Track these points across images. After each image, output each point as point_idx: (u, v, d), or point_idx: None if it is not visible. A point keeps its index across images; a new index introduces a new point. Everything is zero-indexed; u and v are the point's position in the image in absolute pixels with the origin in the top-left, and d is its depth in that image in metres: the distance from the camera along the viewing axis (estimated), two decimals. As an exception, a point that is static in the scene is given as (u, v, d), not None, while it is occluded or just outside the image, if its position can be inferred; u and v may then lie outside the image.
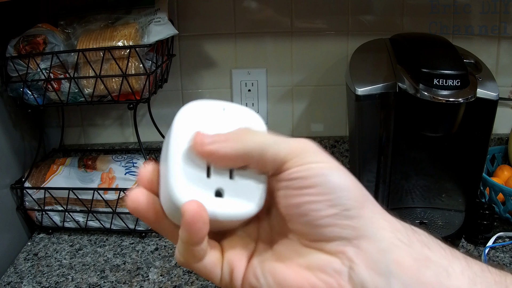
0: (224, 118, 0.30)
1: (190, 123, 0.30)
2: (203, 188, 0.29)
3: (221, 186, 0.29)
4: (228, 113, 0.31)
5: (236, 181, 0.29)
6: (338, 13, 0.96)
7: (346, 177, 0.28)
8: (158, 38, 0.78)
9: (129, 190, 0.30)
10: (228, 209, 0.29)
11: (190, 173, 0.29)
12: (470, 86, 0.66)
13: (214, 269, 0.31)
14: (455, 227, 0.79)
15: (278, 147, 0.28)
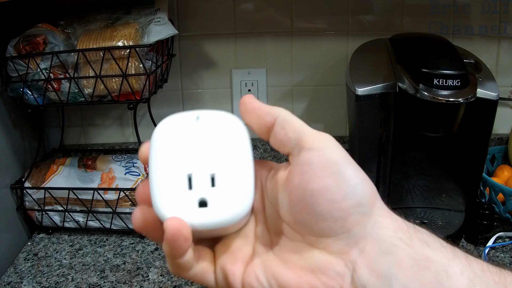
0: (200, 128, 0.31)
1: (167, 137, 0.30)
2: (186, 201, 0.29)
3: (204, 196, 0.29)
4: (203, 121, 0.31)
5: (219, 188, 0.29)
6: (338, 13, 0.96)
7: (361, 173, 0.29)
8: (158, 38, 0.78)
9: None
10: (214, 218, 0.29)
11: (172, 187, 0.29)
12: (470, 86, 0.66)
13: (205, 276, 0.31)
14: (455, 227, 0.79)
15: (304, 125, 0.31)
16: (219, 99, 1.01)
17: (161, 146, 0.30)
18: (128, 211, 0.82)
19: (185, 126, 0.30)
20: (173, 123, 0.31)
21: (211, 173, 0.29)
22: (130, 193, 0.82)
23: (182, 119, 0.31)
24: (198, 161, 0.29)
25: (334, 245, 0.28)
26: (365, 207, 0.28)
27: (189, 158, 0.30)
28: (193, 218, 0.28)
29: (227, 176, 0.29)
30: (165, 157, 0.30)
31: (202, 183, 0.29)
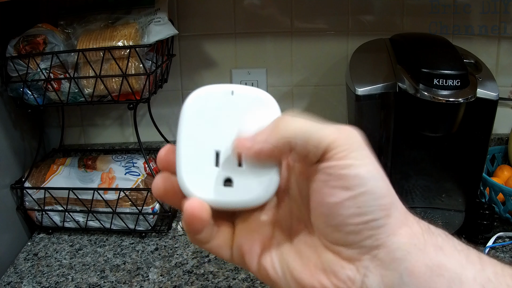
0: (233, 103, 0.30)
1: (198, 111, 0.29)
2: (211, 178, 0.29)
3: (230, 175, 0.29)
4: (238, 96, 0.30)
5: (246, 169, 0.29)
6: (338, 13, 0.96)
7: (383, 182, 0.28)
8: (158, 38, 0.78)
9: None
10: (237, 198, 0.29)
11: (198, 163, 0.29)
12: (470, 86, 0.66)
13: (221, 251, 0.31)
14: (455, 227, 0.79)
15: (321, 134, 0.28)
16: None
17: (192, 117, 0.29)
18: (128, 211, 0.82)
19: (218, 100, 0.30)
20: (206, 95, 0.30)
21: (239, 152, 0.29)
22: (130, 193, 0.82)
23: (216, 91, 0.30)
24: (227, 138, 0.29)
25: (346, 253, 0.28)
26: (380, 220, 0.27)
27: (219, 134, 0.29)
28: (216, 196, 0.28)
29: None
30: (195, 130, 0.29)
31: (229, 161, 0.29)
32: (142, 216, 0.82)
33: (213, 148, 0.29)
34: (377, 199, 0.27)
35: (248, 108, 0.29)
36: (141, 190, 0.82)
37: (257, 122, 0.29)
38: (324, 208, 0.28)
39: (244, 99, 0.30)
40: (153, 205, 0.83)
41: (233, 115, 0.29)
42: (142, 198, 0.82)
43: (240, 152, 0.29)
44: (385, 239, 0.27)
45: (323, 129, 0.28)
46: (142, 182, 0.83)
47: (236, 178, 0.29)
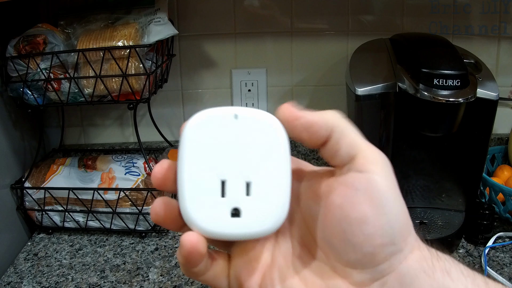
0: (237, 128, 0.28)
1: (201, 136, 0.27)
2: (217, 209, 0.27)
3: (238, 205, 0.27)
4: (242, 120, 0.28)
5: (254, 197, 0.27)
6: (338, 13, 0.96)
7: (404, 207, 0.28)
8: (158, 38, 0.78)
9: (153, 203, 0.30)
10: (246, 229, 0.27)
11: (203, 193, 0.27)
12: (470, 86, 0.66)
13: (218, 281, 0.30)
14: (455, 227, 0.79)
15: (358, 139, 0.28)
16: (219, 99, 1.01)
17: (194, 144, 0.27)
18: (128, 211, 0.82)
19: (221, 124, 0.28)
20: (208, 119, 0.28)
21: (247, 181, 0.27)
22: (130, 193, 0.82)
23: (218, 115, 0.28)
24: (234, 166, 0.27)
25: (357, 277, 0.27)
26: (398, 245, 0.27)
27: (224, 162, 0.27)
28: (223, 228, 0.27)
29: (263, 185, 0.27)
30: (198, 157, 0.27)
31: (237, 190, 0.27)
32: (142, 216, 0.82)
33: (218, 178, 0.27)
34: (399, 222, 0.27)
35: (253, 132, 0.28)
36: (141, 190, 0.82)
37: (263, 147, 0.28)
38: (344, 224, 0.27)
39: (248, 123, 0.28)
40: (153, 205, 0.83)
41: (237, 140, 0.27)
42: (142, 198, 0.82)
43: (285, 118, 0.28)
44: (397, 265, 0.27)
45: (360, 137, 0.28)
46: (142, 182, 0.83)
47: (244, 208, 0.27)
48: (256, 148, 0.27)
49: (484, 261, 0.75)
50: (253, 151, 0.27)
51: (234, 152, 0.27)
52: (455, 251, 0.78)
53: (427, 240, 0.29)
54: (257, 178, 0.27)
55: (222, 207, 0.27)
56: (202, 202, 0.27)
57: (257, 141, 0.27)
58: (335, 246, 0.28)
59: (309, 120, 0.28)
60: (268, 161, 0.27)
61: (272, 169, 0.27)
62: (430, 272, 0.27)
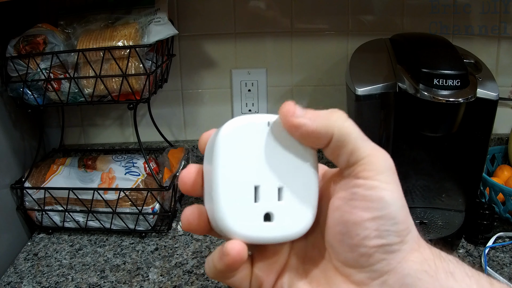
0: (270, 135, 0.29)
1: (234, 143, 0.28)
2: (251, 214, 0.28)
3: (270, 210, 0.28)
4: (274, 127, 0.29)
5: (285, 203, 0.28)
6: (338, 13, 0.96)
7: (403, 209, 0.28)
8: (158, 38, 0.78)
9: (183, 212, 0.30)
10: (278, 233, 0.28)
11: (238, 199, 0.28)
12: (470, 86, 0.66)
13: (243, 284, 0.31)
14: (455, 227, 0.79)
15: (361, 144, 0.28)
16: (219, 99, 1.01)
17: (228, 150, 0.28)
18: (128, 211, 0.82)
19: (254, 132, 0.29)
20: (242, 126, 0.29)
21: (279, 186, 0.28)
22: (130, 193, 0.82)
23: (252, 122, 0.29)
24: (266, 172, 0.28)
25: (356, 276, 0.28)
26: (395, 246, 0.27)
27: (257, 168, 0.28)
28: (257, 233, 0.28)
29: (294, 190, 0.28)
30: (232, 163, 0.28)
31: (269, 195, 0.28)
32: (142, 216, 0.82)
33: (252, 183, 0.28)
34: (395, 225, 0.27)
35: (284, 139, 0.29)
36: (141, 190, 0.82)
37: (293, 153, 0.29)
38: (342, 226, 0.28)
39: (280, 130, 0.29)
40: (153, 205, 0.83)
41: (270, 147, 0.28)
42: (142, 198, 0.82)
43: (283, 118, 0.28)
44: (396, 264, 0.27)
45: (365, 141, 0.28)
46: (142, 182, 0.83)
47: (276, 213, 0.28)
48: (287, 155, 0.29)
49: (484, 261, 0.75)
50: (284, 157, 0.29)
51: (266, 159, 0.28)
52: (455, 251, 0.78)
53: (430, 240, 0.29)
54: (288, 183, 0.28)
55: (255, 212, 0.28)
56: (237, 208, 0.28)
57: (288, 147, 0.29)
58: (334, 246, 0.29)
59: (308, 129, 0.28)
60: (298, 167, 0.29)
61: (302, 174, 0.29)
62: (432, 273, 0.27)
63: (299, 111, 0.29)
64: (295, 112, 0.28)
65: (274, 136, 0.29)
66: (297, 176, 0.29)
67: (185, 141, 1.04)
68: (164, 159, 0.91)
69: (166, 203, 0.87)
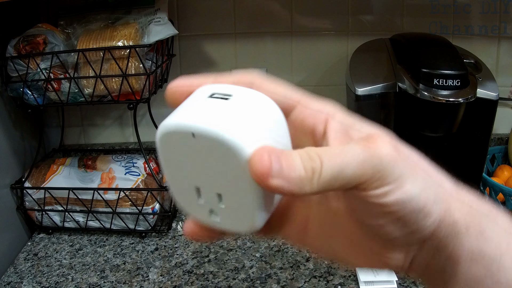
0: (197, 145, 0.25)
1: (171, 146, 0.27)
2: (197, 207, 0.28)
3: (213, 208, 0.28)
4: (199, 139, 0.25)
5: (226, 206, 0.27)
6: (338, 13, 0.96)
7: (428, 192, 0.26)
8: (158, 38, 0.78)
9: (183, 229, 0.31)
10: (223, 226, 0.28)
11: (184, 191, 0.28)
12: (470, 86, 0.66)
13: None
14: (455, 227, 0.79)
15: (346, 173, 0.24)
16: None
17: (167, 152, 0.28)
18: (128, 211, 0.82)
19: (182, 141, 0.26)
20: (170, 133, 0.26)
21: (217, 192, 0.27)
22: (130, 193, 0.82)
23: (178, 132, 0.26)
24: (204, 177, 0.27)
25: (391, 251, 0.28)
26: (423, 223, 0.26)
27: (196, 171, 0.27)
28: (208, 221, 0.28)
29: (233, 197, 0.26)
30: (173, 164, 0.28)
31: (210, 197, 0.27)
32: (142, 216, 0.82)
33: (193, 185, 0.27)
34: (420, 212, 0.26)
35: (214, 152, 0.25)
36: (141, 190, 0.82)
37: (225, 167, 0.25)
38: (366, 228, 0.27)
39: (207, 143, 0.25)
40: (153, 205, 0.83)
41: (200, 156, 0.26)
42: (142, 198, 0.82)
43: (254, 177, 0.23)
44: (429, 235, 0.27)
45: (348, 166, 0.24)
46: (142, 182, 0.83)
47: (220, 212, 0.28)
48: (221, 167, 0.26)
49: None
50: (219, 169, 0.26)
51: (202, 166, 0.26)
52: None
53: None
54: (227, 192, 0.27)
55: (200, 206, 0.28)
56: (185, 197, 0.28)
57: (219, 161, 0.25)
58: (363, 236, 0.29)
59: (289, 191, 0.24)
60: (235, 182, 0.26)
61: (240, 190, 0.26)
62: (463, 233, 0.27)
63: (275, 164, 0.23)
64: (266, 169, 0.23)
65: (205, 148, 0.25)
66: (235, 183, 0.26)
67: (185, 141, 1.04)
68: (164, 159, 0.91)
69: (166, 203, 0.87)
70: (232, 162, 0.24)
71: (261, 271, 0.74)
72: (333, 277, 0.72)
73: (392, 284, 0.68)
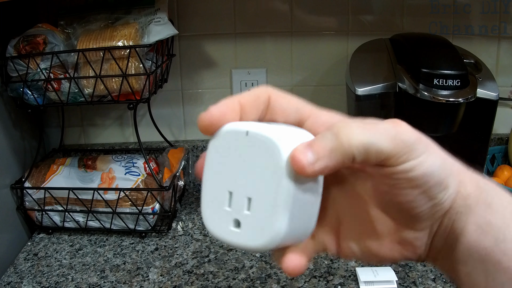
0: (246, 144, 0.28)
1: (218, 149, 0.29)
2: (223, 217, 0.29)
3: (239, 217, 0.28)
4: (251, 138, 0.28)
5: (253, 214, 0.28)
6: (338, 13, 0.96)
7: (442, 164, 0.29)
8: (158, 38, 0.78)
9: None
10: (242, 242, 0.29)
11: (215, 201, 0.29)
12: (470, 86, 0.66)
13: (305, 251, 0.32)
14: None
15: (380, 146, 0.27)
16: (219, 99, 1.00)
17: (214, 155, 0.30)
18: (128, 211, 0.82)
19: (233, 140, 0.29)
20: (225, 133, 0.29)
21: (248, 196, 0.28)
22: (130, 193, 0.82)
23: (232, 131, 0.29)
24: (239, 179, 0.28)
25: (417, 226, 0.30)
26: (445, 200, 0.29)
27: (233, 175, 0.29)
28: (225, 236, 0.29)
29: (262, 204, 0.28)
30: (215, 168, 0.30)
31: (240, 203, 0.28)
32: (142, 216, 0.82)
33: (226, 189, 0.29)
34: (441, 184, 0.28)
35: (259, 150, 0.28)
36: (141, 190, 0.82)
37: (265, 166, 0.28)
38: (396, 206, 0.29)
39: (256, 141, 0.28)
40: (153, 205, 0.83)
41: (245, 157, 0.28)
42: (142, 198, 0.82)
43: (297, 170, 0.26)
44: (447, 207, 0.29)
45: (381, 139, 0.27)
46: (142, 182, 0.83)
47: (244, 221, 0.28)
48: (260, 167, 0.28)
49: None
50: (257, 168, 0.28)
51: (244, 167, 0.28)
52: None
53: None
54: (257, 195, 0.28)
55: (227, 216, 0.29)
56: (213, 209, 0.30)
57: (261, 160, 0.28)
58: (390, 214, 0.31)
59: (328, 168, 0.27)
60: (269, 181, 0.27)
61: (271, 190, 0.27)
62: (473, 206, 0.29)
63: (310, 157, 0.26)
64: (306, 159, 0.26)
65: (250, 147, 0.28)
66: (267, 190, 0.27)
67: (185, 141, 1.04)
68: (164, 159, 0.91)
69: (166, 203, 0.87)
70: (272, 161, 0.27)
71: (261, 271, 0.74)
72: (333, 277, 0.72)
73: (392, 284, 0.68)
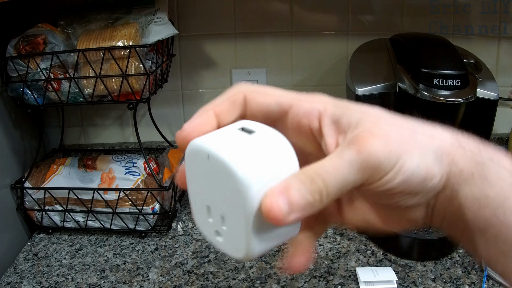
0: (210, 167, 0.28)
1: (192, 164, 0.29)
2: (208, 226, 0.30)
3: (218, 229, 0.29)
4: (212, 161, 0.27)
5: (227, 229, 0.28)
6: (338, 13, 0.96)
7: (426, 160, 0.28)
8: (158, 38, 0.78)
9: None
10: (224, 249, 0.29)
11: (200, 209, 0.30)
12: (470, 86, 0.66)
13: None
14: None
15: (351, 180, 0.26)
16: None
17: (190, 169, 0.30)
18: (128, 211, 0.82)
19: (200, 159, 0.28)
20: (191, 152, 0.29)
21: (221, 214, 0.28)
22: (130, 193, 0.82)
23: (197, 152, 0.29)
24: (213, 197, 0.28)
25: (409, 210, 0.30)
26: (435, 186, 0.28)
27: (208, 191, 0.29)
28: (212, 241, 0.30)
29: (234, 222, 0.28)
30: (193, 180, 0.30)
31: (216, 218, 0.29)
32: (142, 216, 0.82)
33: (205, 203, 0.29)
34: (425, 179, 0.28)
35: (225, 179, 0.27)
36: (141, 190, 0.82)
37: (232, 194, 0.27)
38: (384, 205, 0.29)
39: (220, 168, 0.26)
40: (153, 205, 0.83)
41: (213, 178, 0.28)
42: (142, 198, 0.82)
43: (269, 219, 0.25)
44: (440, 188, 0.28)
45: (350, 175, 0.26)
46: (142, 182, 0.83)
47: (223, 234, 0.29)
48: (229, 192, 0.27)
49: (483, 262, 0.75)
50: (227, 192, 0.27)
51: (213, 186, 0.28)
52: (455, 251, 0.78)
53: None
54: (230, 215, 0.28)
55: (211, 226, 0.30)
56: (200, 216, 0.30)
57: (228, 187, 0.27)
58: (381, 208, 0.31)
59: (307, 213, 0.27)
60: (238, 209, 0.27)
61: (241, 217, 0.27)
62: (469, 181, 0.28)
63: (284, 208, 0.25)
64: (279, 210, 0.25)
65: (218, 172, 0.27)
66: (236, 209, 0.27)
67: (185, 141, 1.04)
68: (164, 159, 0.91)
69: (166, 203, 0.87)
70: (240, 197, 0.26)
71: (261, 271, 0.74)
72: (333, 277, 0.72)
73: (392, 284, 0.68)
